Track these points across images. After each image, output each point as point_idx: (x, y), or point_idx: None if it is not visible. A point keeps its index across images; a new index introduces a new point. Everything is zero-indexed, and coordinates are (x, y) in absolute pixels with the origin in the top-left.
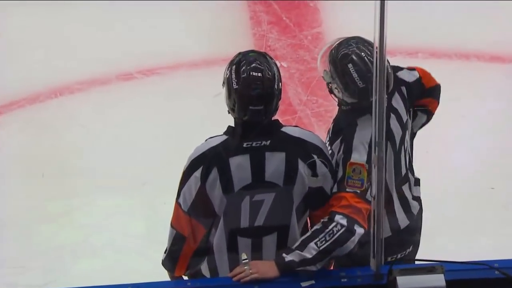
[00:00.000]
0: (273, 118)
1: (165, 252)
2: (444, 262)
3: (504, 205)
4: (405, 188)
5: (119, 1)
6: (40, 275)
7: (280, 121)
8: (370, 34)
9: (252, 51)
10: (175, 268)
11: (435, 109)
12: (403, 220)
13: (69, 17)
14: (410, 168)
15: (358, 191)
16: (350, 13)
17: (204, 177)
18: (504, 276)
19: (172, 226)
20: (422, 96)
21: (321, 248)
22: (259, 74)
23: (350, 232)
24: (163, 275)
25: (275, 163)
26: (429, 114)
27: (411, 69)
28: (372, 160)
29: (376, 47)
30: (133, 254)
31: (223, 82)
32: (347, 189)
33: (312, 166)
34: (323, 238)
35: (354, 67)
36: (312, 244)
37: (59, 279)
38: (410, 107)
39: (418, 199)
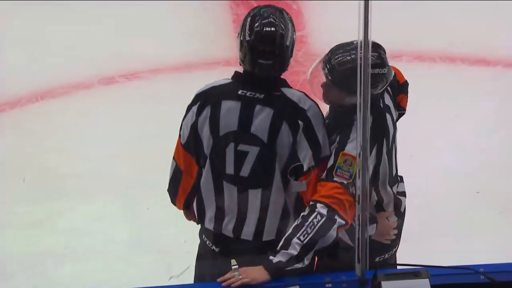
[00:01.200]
0: (282, 76)
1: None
2: (429, 266)
3: (494, 208)
4: (395, 188)
5: (101, 4)
6: (22, 281)
7: (287, 81)
8: (354, 35)
9: (270, 6)
10: (175, 200)
11: (406, 105)
12: (392, 218)
13: (50, 20)
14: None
15: (345, 182)
16: (333, 15)
17: (198, 113)
18: (489, 281)
19: (173, 158)
20: (397, 93)
21: (304, 242)
22: (272, 29)
23: (331, 220)
24: (146, 280)
25: (262, 117)
26: (402, 111)
27: None
28: (357, 165)
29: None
30: (116, 260)
31: (238, 33)
32: (334, 178)
33: (294, 133)
34: (305, 231)
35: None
36: (295, 240)
37: (42, 285)
38: (396, 105)
39: (403, 194)
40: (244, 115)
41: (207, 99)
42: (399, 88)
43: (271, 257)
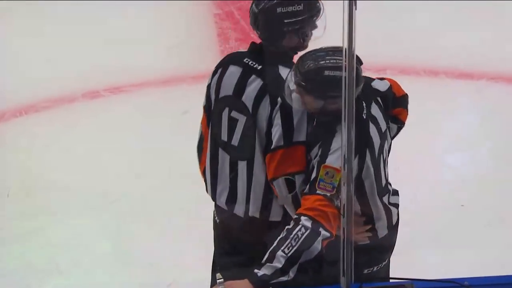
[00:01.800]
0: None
1: None
2: (414, 280)
3: (478, 221)
4: (385, 198)
5: (85, 16)
6: None
7: (291, 63)
8: (339, 44)
9: None
10: (199, 165)
11: (406, 119)
12: (382, 230)
13: (34, 33)
14: (387, 181)
15: (328, 195)
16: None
17: (213, 74)
18: None
19: (200, 123)
20: (394, 106)
21: (289, 255)
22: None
23: (315, 233)
24: None
25: (252, 87)
26: (400, 124)
27: (381, 79)
28: (342, 178)
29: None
30: (101, 274)
31: None
32: (317, 191)
33: (272, 108)
34: (289, 244)
35: (331, 73)
36: (280, 253)
37: None
38: (388, 117)
39: (396, 206)
40: (240, 82)
41: (222, 62)
42: (396, 101)
43: (256, 270)
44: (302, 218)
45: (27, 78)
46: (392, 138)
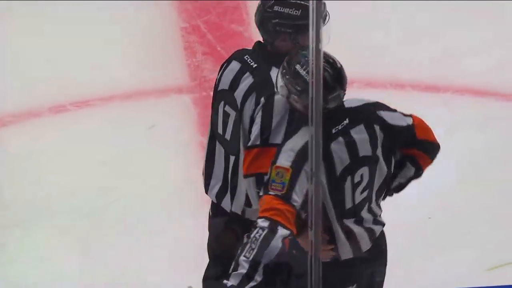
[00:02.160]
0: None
1: None
2: None
3: (446, 234)
4: (350, 222)
5: (53, 31)
6: None
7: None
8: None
9: None
10: None
11: (426, 166)
12: (346, 253)
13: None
14: (363, 207)
15: (279, 194)
16: None
17: (219, 70)
18: None
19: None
20: (411, 146)
21: (250, 258)
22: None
23: (272, 231)
24: None
25: (244, 84)
26: (418, 169)
27: (406, 115)
28: (309, 191)
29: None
30: None
31: None
32: (269, 192)
33: (255, 107)
34: (250, 248)
35: (303, 67)
36: (242, 258)
37: None
38: (389, 151)
39: (370, 231)
40: (235, 77)
41: (229, 58)
42: (415, 142)
43: (225, 281)
44: (259, 220)
45: None
46: (409, 180)
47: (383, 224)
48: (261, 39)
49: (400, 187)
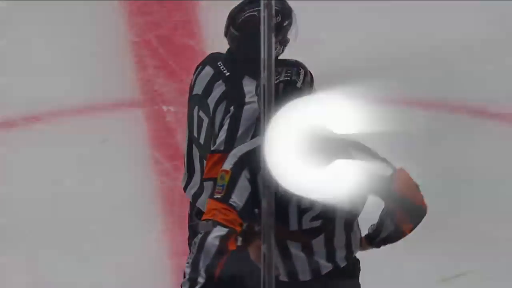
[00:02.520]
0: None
1: None
2: None
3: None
4: (290, 244)
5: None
6: None
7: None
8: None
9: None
10: None
11: (406, 228)
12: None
13: None
14: (315, 237)
15: (219, 196)
16: None
17: (193, 73)
18: None
19: None
20: (390, 201)
21: (191, 261)
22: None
23: (208, 232)
24: None
25: (216, 91)
26: (397, 228)
27: (391, 165)
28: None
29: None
30: None
31: None
32: (213, 196)
33: (225, 115)
34: (191, 253)
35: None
36: (186, 265)
37: None
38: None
39: (315, 263)
40: (209, 83)
41: (203, 61)
42: (390, 194)
43: None
44: (200, 224)
45: None
46: (392, 237)
47: (339, 267)
48: (213, 51)
49: (385, 241)
